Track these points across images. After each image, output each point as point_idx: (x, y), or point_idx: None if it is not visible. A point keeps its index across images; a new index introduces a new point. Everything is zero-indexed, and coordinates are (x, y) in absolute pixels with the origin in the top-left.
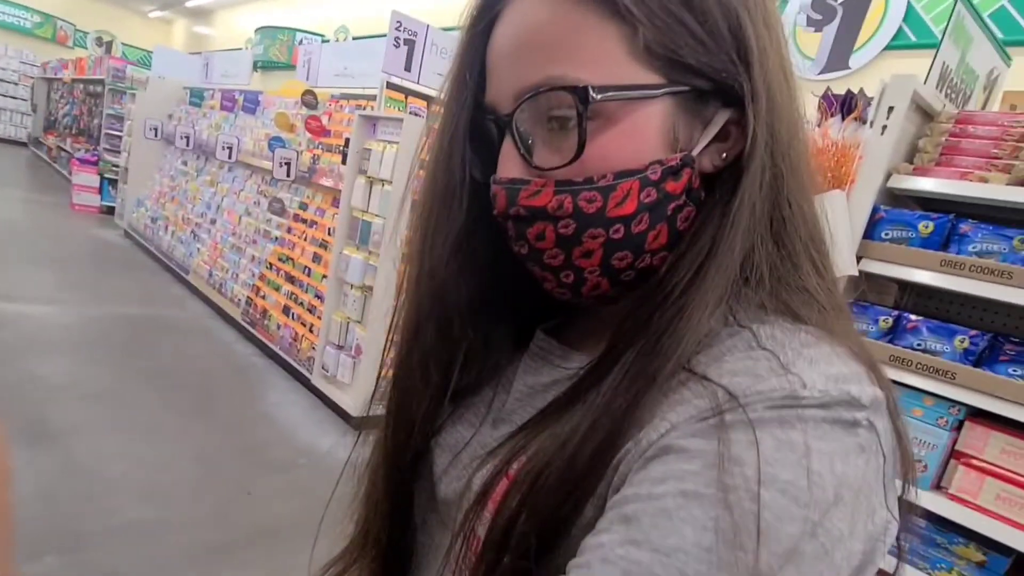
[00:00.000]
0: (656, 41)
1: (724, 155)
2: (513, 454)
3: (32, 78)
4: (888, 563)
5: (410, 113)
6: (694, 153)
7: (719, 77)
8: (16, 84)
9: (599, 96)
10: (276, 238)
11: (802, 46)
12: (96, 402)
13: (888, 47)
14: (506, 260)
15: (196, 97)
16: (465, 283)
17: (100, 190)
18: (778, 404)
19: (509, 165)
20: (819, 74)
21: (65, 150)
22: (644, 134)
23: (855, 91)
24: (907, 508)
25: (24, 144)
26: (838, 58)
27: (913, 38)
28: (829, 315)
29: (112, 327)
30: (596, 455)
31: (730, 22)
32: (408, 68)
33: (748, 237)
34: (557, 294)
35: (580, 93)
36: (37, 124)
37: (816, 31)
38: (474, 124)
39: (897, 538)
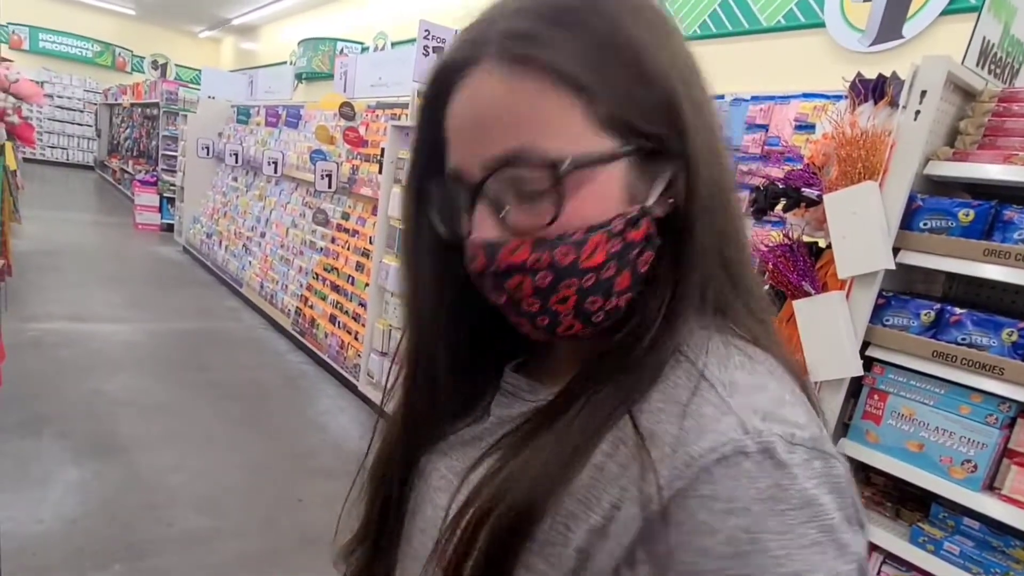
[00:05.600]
0: (613, 111)
1: (672, 201)
2: (482, 484)
3: (95, 104)
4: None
5: None
6: (649, 204)
7: (663, 139)
8: (81, 111)
9: (569, 169)
10: (321, 248)
11: (851, 18)
12: (156, 416)
13: (945, 11)
14: (474, 306)
15: (243, 115)
16: (447, 328)
17: (160, 209)
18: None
19: (485, 227)
20: (870, 46)
21: (128, 172)
22: (609, 193)
23: (905, 67)
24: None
25: (91, 168)
26: (890, 27)
27: (973, 0)
28: (764, 325)
29: (172, 342)
30: (550, 489)
31: (668, 95)
32: None
33: (703, 272)
34: (532, 335)
35: (552, 168)
36: (102, 148)
37: (865, 0)
38: (433, 184)
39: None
